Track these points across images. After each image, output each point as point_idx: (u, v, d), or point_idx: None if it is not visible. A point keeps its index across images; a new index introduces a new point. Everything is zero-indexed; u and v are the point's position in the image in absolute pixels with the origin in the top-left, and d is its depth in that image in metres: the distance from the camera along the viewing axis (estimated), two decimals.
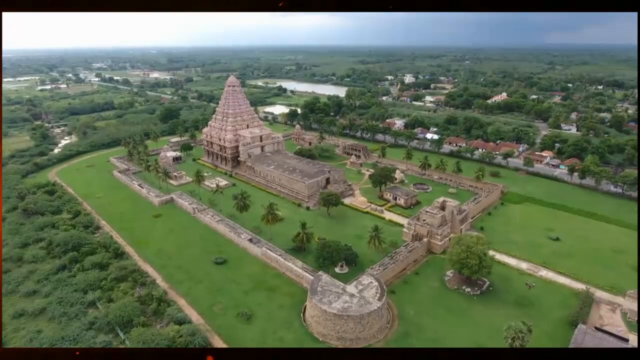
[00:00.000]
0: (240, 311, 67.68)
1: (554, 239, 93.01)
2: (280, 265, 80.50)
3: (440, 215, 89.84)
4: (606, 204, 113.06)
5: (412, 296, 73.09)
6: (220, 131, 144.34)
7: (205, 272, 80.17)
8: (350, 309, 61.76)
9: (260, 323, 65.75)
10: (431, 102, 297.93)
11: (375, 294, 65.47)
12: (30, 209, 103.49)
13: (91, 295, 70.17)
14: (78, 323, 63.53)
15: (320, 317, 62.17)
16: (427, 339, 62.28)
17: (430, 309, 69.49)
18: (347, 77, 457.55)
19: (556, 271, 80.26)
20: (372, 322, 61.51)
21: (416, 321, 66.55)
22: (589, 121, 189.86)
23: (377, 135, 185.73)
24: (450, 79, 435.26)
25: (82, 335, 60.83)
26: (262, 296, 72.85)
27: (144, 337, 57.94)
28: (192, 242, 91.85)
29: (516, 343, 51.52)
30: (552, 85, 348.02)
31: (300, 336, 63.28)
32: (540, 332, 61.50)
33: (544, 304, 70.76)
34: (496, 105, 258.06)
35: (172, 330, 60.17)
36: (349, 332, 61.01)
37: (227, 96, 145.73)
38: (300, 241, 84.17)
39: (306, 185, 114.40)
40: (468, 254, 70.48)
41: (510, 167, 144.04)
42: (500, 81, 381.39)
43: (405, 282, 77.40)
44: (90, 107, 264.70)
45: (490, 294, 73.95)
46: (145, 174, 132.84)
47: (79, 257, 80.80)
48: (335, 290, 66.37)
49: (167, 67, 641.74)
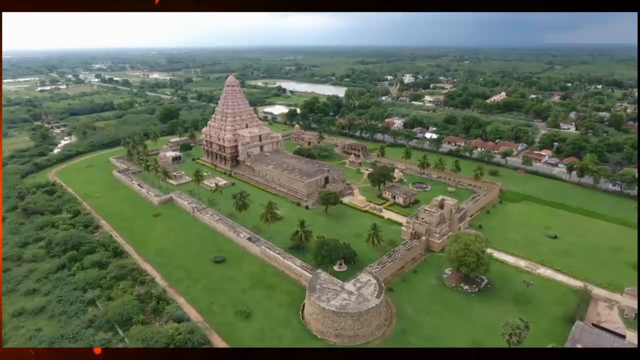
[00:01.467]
0: (239, 309, 67.90)
1: (552, 236, 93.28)
2: (279, 264, 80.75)
3: (438, 213, 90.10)
4: (604, 202, 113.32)
5: (411, 294, 73.34)
6: (219, 131, 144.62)
7: (204, 271, 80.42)
8: (348, 306, 62.00)
9: (258, 321, 66.00)
10: (430, 102, 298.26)
11: (373, 291, 65.71)
12: (29, 208, 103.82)
13: (90, 293, 70.38)
14: (77, 321, 63.77)
15: (319, 315, 62.41)
16: (426, 336, 62.57)
17: (429, 307, 69.75)
18: (346, 77, 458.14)
19: (554, 269, 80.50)
20: (370, 319, 61.73)
21: (414, 319, 66.81)
22: (588, 120, 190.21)
23: (376, 135, 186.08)
24: (450, 79, 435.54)
25: (82, 333, 61.04)
26: (261, 294, 73.11)
27: (143, 335, 58.19)
28: (191, 241, 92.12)
29: (513, 339, 51.74)
30: (551, 84, 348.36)
31: (299, 334, 63.53)
32: (538, 329, 61.73)
33: (541, 301, 70.98)
34: (495, 105, 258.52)
35: (171, 328, 60.38)
36: (347, 330, 61.24)
37: (227, 96, 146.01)
38: (299, 239, 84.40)
39: (305, 184, 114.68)
40: (466, 252, 70.73)
41: (509, 166, 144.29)
42: (499, 81, 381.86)
43: (403, 280, 77.69)
44: (90, 107, 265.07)
45: (489, 291, 74.18)
46: (145, 173, 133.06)
47: (78, 256, 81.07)
48: (333, 288, 66.62)
49: (167, 68, 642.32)
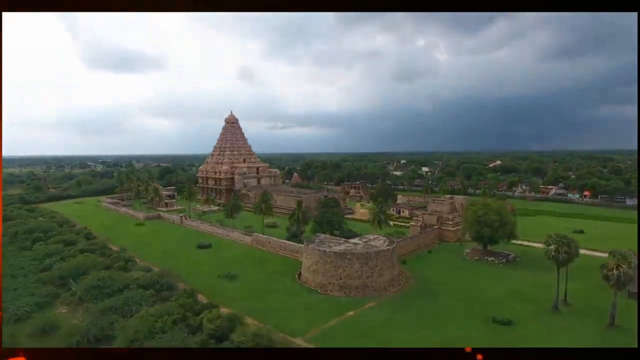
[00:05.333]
0: (222, 274, 56.49)
1: (578, 231, 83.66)
2: (273, 245, 70.38)
3: (449, 202, 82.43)
4: (625, 213, 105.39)
5: (428, 265, 62.12)
6: (216, 165, 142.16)
7: (186, 253, 69.47)
8: (354, 249, 51.71)
9: (245, 282, 54.28)
10: (428, 172, 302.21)
11: (383, 243, 55.62)
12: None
13: (49, 261, 59.13)
14: (26, 279, 52.14)
15: (319, 263, 51.48)
16: (453, 290, 50.68)
17: (452, 272, 58.38)
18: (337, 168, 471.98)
19: (588, 248, 70.28)
20: (381, 265, 50.75)
21: (436, 279, 55.21)
22: (588, 168, 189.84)
23: (375, 183, 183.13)
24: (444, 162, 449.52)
25: (28, 287, 49.23)
26: (250, 265, 61.89)
27: (97, 282, 46.68)
28: (174, 238, 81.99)
29: (562, 250, 41.37)
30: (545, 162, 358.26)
31: (294, 288, 51.69)
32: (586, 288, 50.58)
33: (582, 267, 59.79)
34: (492, 169, 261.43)
35: (135, 274, 49.07)
36: (353, 278, 49.81)
37: (225, 132, 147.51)
38: (295, 222, 74.91)
39: (304, 198, 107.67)
40: (486, 211, 62.26)
41: (517, 196, 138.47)
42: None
43: (417, 257, 66.69)
44: (91, 174, 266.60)
45: (519, 263, 63.13)
46: (135, 204, 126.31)
47: (43, 238, 70.90)
48: (335, 241, 56.58)
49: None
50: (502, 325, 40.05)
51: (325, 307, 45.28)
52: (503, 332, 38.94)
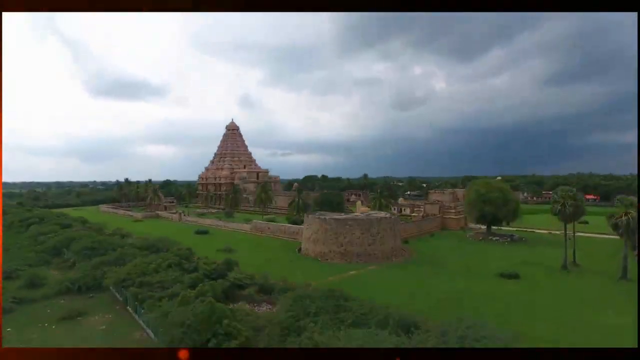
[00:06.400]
0: (220, 248, 55.13)
1: (583, 222, 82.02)
2: (273, 231, 69.06)
3: (450, 191, 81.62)
4: None
5: (430, 245, 60.66)
6: (216, 171, 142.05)
7: (184, 238, 67.61)
8: (356, 217, 50.62)
9: (244, 253, 52.84)
10: None
11: (385, 215, 54.51)
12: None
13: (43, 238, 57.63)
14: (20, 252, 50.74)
15: (319, 231, 50.24)
16: (455, 261, 49.13)
17: (456, 248, 56.95)
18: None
19: (595, 233, 69.02)
20: (382, 233, 49.48)
21: (440, 254, 53.72)
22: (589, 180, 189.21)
23: None
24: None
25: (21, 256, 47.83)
26: (249, 244, 60.53)
27: (90, 244, 45.48)
28: (172, 229, 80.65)
29: (569, 203, 40.41)
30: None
31: (294, 257, 50.28)
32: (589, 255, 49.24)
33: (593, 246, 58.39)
34: None
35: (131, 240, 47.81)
36: (355, 245, 48.46)
37: (226, 139, 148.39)
38: (295, 209, 73.93)
39: (304, 193, 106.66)
40: (489, 189, 61.51)
41: None
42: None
43: (420, 240, 65.20)
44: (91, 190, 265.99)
45: (524, 242, 61.68)
46: (134, 208, 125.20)
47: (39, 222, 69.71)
48: (337, 216, 55.46)
49: None
50: (510, 278, 38.56)
51: (326, 268, 43.90)
52: (511, 284, 37.40)
